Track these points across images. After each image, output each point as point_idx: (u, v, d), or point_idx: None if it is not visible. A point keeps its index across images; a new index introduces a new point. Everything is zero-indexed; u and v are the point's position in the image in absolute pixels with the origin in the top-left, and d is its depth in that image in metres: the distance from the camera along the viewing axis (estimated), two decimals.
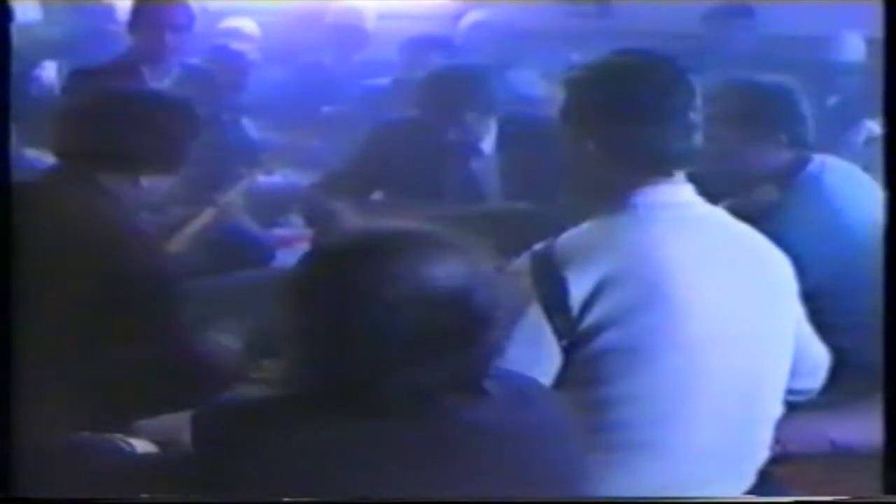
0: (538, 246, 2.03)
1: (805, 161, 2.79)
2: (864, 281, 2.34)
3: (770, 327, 2.09)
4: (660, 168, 2.06)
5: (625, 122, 2.05)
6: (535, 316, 1.97)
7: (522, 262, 2.02)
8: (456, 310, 1.52)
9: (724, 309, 2.01)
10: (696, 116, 2.08)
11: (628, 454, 1.99)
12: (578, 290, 1.96)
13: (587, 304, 1.96)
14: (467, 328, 1.54)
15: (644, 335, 1.96)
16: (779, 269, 2.13)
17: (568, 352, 1.98)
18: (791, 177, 2.76)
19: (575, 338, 1.97)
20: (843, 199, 2.74)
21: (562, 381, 1.98)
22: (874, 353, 2.05)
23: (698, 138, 2.08)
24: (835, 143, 2.93)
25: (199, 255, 3.18)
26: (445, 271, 1.54)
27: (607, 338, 1.96)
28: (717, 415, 2.02)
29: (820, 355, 2.25)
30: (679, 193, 2.08)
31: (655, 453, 2.00)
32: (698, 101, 2.09)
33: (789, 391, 2.15)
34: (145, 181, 2.50)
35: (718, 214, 2.12)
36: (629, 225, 2.04)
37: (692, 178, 2.11)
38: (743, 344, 2.03)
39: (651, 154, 2.05)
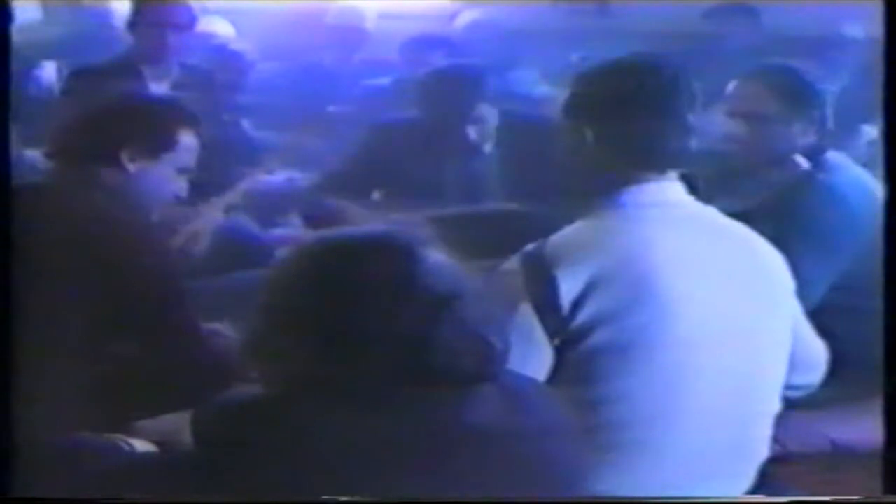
0: (529, 246, 2.05)
1: (824, 147, 2.81)
2: (866, 280, 2.34)
3: (765, 324, 2.10)
4: (653, 165, 2.08)
5: (622, 117, 2.07)
6: (527, 315, 1.98)
7: (513, 262, 2.04)
8: (455, 310, 1.53)
9: (716, 307, 2.02)
10: (694, 119, 2.10)
11: (623, 453, 2.00)
12: (569, 289, 1.98)
13: (578, 304, 1.98)
14: (465, 328, 1.54)
15: (634, 334, 1.97)
16: (773, 266, 2.13)
17: (560, 351, 1.99)
18: (814, 157, 2.79)
19: (566, 336, 1.98)
20: (850, 196, 2.75)
21: (555, 380, 1.99)
22: (874, 352, 2.05)
23: (694, 141, 2.10)
24: (834, 142, 2.93)
25: (200, 255, 3.18)
26: (443, 271, 1.54)
27: (598, 337, 1.97)
28: (710, 412, 2.02)
29: (819, 351, 2.25)
30: (669, 192, 2.10)
31: (650, 452, 2.01)
32: (698, 104, 2.11)
33: (789, 386, 2.15)
34: (132, 167, 2.50)
35: (710, 213, 2.13)
36: (618, 224, 2.05)
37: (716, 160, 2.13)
38: (736, 341, 2.04)
39: (645, 151, 2.07)
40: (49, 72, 5.08)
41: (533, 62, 5.17)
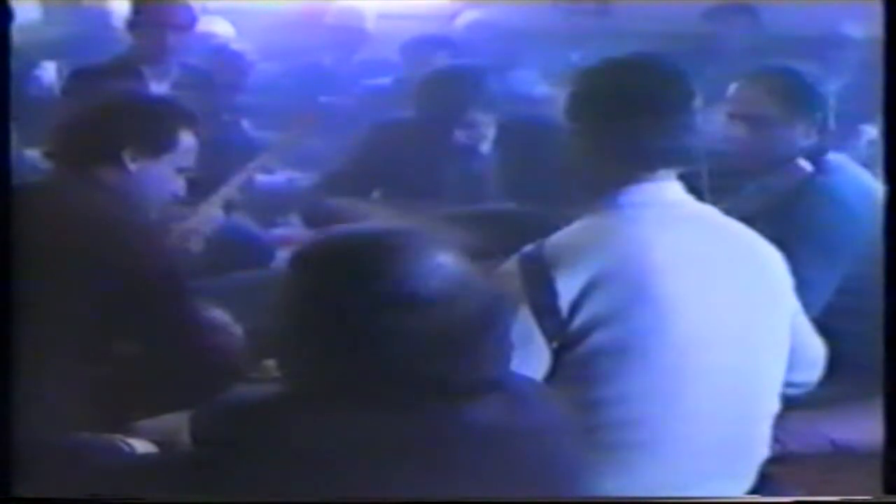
0: (527, 248, 2.05)
1: (825, 149, 2.81)
2: (866, 281, 2.34)
3: (764, 323, 2.10)
4: (652, 165, 2.07)
5: (621, 117, 2.07)
6: (524, 318, 1.98)
7: (511, 264, 2.03)
8: (454, 310, 1.53)
9: (715, 307, 2.02)
10: (692, 119, 2.10)
11: (623, 453, 2.00)
12: (567, 291, 1.97)
13: (576, 306, 1.97)
14: (465, 328, 1.54)
15: (633, 335, 1.97)
16: (771, 264, 2.13)
17: (558, 353, 1.99)
18: (815, 158, 2.79)
19: (565, 339, 1.98)
20: (850, 197, 2.74)
21: (554, 381, 1.98)
22: (874, 352, 2.05)
23: (694, 141, 2.10)
24: (835, 142, 2.93)
25: (199, 254, 3.18)
26: (442, 272, 1.54)
27: (597, 338, 1.97)
28: (710, 412, 2.02)
29: (817, 348, 2.25)
30: (666, 192, 2.10)
31: (651, 452, 2.01)
32: (698, 104, 2.11)
33: (789, 384, 2.15)
34: (133, 167, 2.50)
35: (708, 213, 2.13)
36: (616, 225, 2.05)
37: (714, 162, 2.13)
38: (736, 341, 2.04)
39: (645, 150, 2.07)
40: (49, 72, 5.08)
41: (533, 62, 5.17)
